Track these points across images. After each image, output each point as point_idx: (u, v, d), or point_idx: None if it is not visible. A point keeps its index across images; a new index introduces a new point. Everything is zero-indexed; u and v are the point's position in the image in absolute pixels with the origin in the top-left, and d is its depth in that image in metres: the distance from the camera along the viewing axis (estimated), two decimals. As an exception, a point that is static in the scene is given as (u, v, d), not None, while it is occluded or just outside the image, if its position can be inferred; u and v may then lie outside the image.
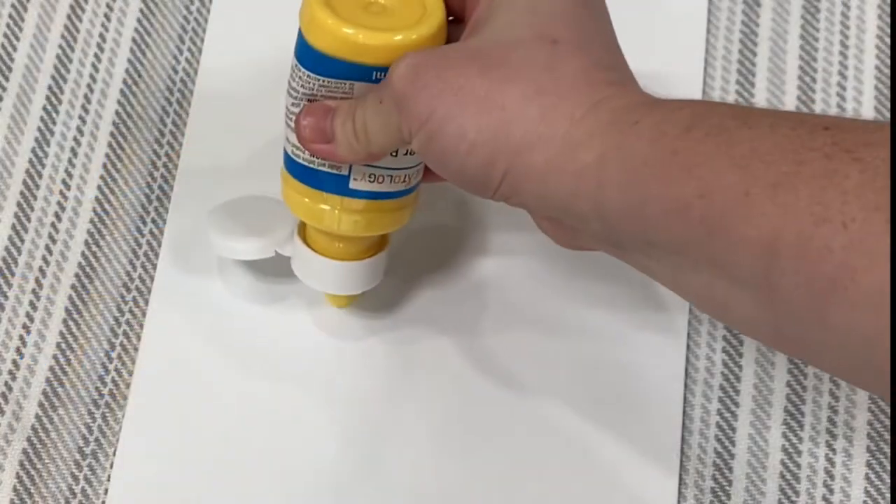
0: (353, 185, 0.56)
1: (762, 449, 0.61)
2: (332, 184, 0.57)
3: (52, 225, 0.65)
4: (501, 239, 0.64)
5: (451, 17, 0.55)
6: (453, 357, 0.62)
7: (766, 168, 0.45)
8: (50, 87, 0.68)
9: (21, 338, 0.64)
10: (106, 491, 0.61)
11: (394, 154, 0.55)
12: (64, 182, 0.66)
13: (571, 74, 0.50)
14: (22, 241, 0.65)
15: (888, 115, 0.66)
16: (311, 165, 0.57)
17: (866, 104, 0.67)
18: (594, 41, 0.51)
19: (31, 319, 0.64)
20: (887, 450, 0.60)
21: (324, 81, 0.54)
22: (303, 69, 0.55)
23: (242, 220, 0.61)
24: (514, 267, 0.64)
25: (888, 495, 0.60)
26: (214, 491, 0.61)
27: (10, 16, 0.69)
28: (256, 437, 0.61)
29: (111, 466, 0.61)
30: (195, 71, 0.68)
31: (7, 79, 0.68)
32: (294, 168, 0.58)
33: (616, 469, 0.60)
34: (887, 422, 0.61)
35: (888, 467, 0.60)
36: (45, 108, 0.68)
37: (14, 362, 0.63)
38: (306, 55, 0.55)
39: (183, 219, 0.65)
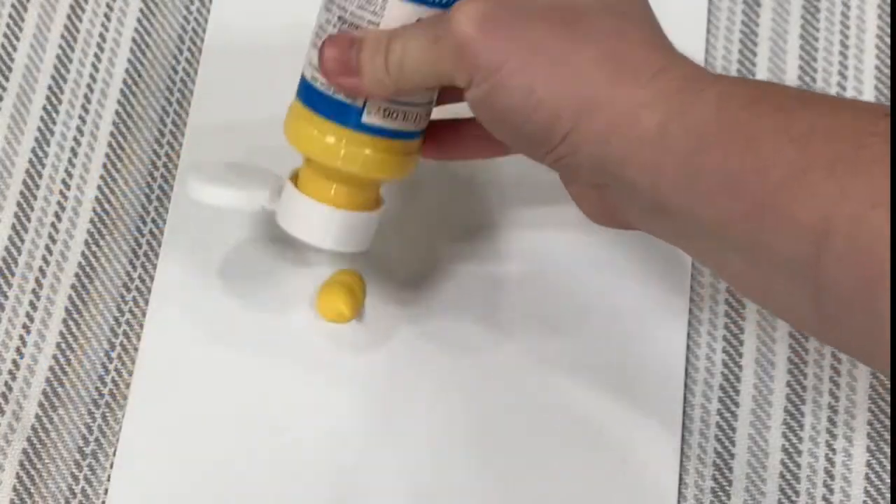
0: (365, 118, 0.55)
1: (762, 449, 0.61)
2: (345, 114, 0.55)
3: (52, 225, 0.65)
4: (501, 240, 0.64)
5: None
6: (452, 360, 0.62)
7: (824, 148, 0.44)
8: (50, 87, 0.68)
9: (21, 338, 0.64)
10: (106, 491, 0.61)
11: None
12: (64, 182, 0.66)
13: (639, 42, 0.49)
14: (22, 241, 0.65)
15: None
16: (328, 92, 0.55)
17: (866, 104, 0.67)
18: (652, 17, 0.51)
19: (31, 319, 0.64)
20: (887, 450, 0.60)
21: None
22: None
23: (229, 173, 0.60)
24: (513, 268, 0.64)
25: (888, 495, 0.60)
26: (214, 490, 0.61)
27: (10, 16, 0.69)
28: (256, 437, 0.61)
29: (111, 466, 0.61)
30: (195, 71, 0.68)
31: (7, 79, 0.68)
32: (309, 94, 0.56)
33: (616, 468, 0.60)
34: (887, 422, 0.61)
35: (888, 467, 0.60)
36: (45, 108, 0.68)
37: (14, 362, 0.63)
38: None
39: (183, 219, 0.65)
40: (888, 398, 0.61)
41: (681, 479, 0.60)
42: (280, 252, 0.64)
